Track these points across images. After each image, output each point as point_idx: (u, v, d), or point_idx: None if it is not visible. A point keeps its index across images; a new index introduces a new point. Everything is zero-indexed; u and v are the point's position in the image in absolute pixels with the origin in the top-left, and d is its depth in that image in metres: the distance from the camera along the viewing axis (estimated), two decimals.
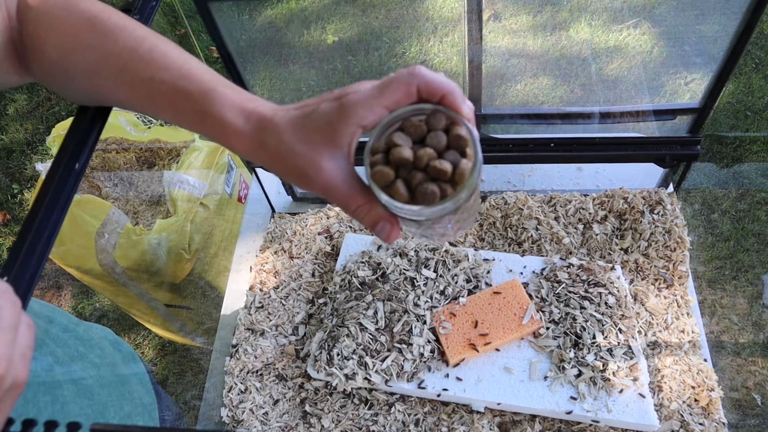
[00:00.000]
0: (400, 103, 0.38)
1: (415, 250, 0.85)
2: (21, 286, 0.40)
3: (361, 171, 0.40)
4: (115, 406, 0.67)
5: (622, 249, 0.86)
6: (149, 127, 1.35)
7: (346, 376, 0.75)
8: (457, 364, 0.76)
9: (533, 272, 0.83)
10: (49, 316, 0.69)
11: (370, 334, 0.77)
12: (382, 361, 0.76)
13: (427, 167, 0.36)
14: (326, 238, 0.95)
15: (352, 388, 0.77)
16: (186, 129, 0.44)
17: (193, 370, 1.65)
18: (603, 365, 0.73)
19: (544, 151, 0.83)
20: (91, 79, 0.44)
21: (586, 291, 0.79)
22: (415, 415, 0.77)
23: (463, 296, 0.80)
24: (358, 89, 0.39)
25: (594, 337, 0.75)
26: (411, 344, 0.76)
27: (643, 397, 0.72)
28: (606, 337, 0.75)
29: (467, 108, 0.38)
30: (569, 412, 0.71)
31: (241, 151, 0.42)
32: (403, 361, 0.76)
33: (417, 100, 0.39)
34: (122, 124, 1.36)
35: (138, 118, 1.37)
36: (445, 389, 0.75)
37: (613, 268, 0.82)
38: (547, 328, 0.77)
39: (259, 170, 0.97)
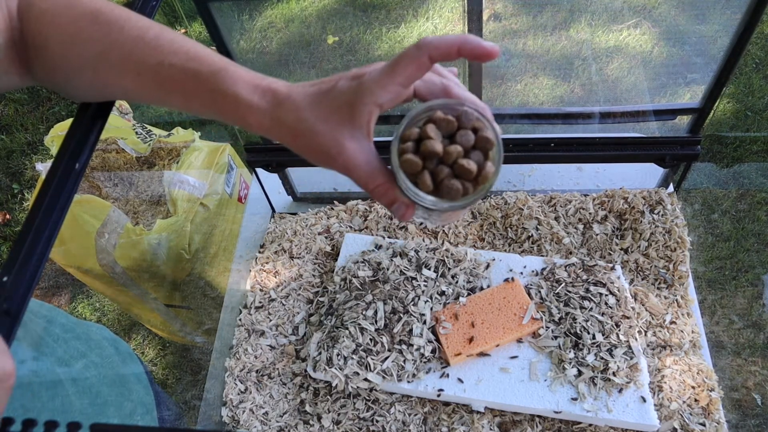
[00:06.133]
0: (413, 77, 0.39)
1: (415, 250, 0.85)
2: (21, 286, 0.40)
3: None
4: (115, 405, 0.67)
5: (622, 249, 0.86)
6: (149, 144, 1.35)
7: (346, 376, 0.75)
8: (457, 364, 0.76)
9: (533, 272, 0.83)
10: (48, 315, 0.69)
11: (370, 334, 0.77)
12: (383, 361, 0.76)
13: (455, 164, 0.38)
14: (326, 238, 0.95)
15: (352, 388, 0.77)
16: (197, 113, 0.44)
17: (193, 370, 1.65)
18: (603, 365, 0.73)
19: (544, 151, 0.83)
20: (96, 70, 0.44)
21: (586, 291, 0.79)
22: (415, 415, 0.77)
23: (463, 296, 0.80)
24: (375, 68, 0.39)
25: (594, 337, 0.75)
26: (411, 344, 0.76)
27: (643, 397, 0.72)
28: (606, 337, 0.75)
29: (488, 48, 0.38)
30: (558, 412, 0.71)
31: (257, 126, 0.42)
32: (404, 361, 0.76)
33: (433, 68, 0.40)
34: (121, 146, 1.35)
35: (137, 136, 1.36)
36: (441, 390, 0.75)
37: (613, 268, 0.82)
38: (547, 328, 0.77)
39: (259, 170, 0.97)
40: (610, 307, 0.78)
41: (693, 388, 0.75)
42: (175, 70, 0.42)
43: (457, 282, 0.82)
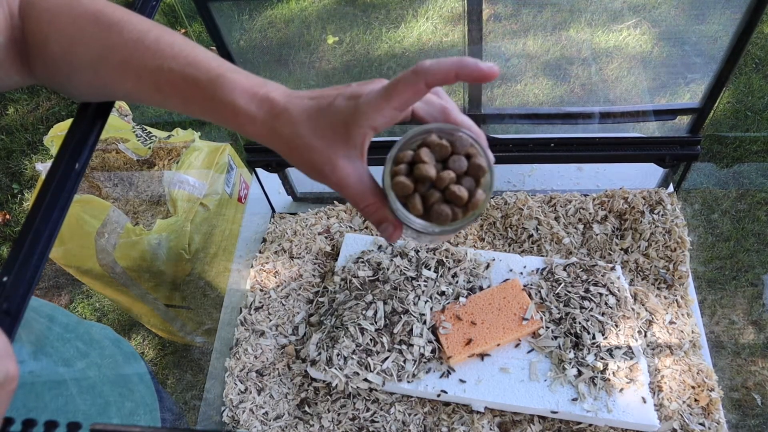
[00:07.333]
0: (409, 102, 0.39)
1: (415, 250, 0.85)
2: (21, 286, 0.40)
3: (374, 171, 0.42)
4: (117, 404, 0.67)
5: (622, 249, 0.86)
6: (150, 148, 1.35)
7: (346, 376, 0.75)
8: (457, 364, 0.76)
9: (533, 272, 0.83)
10: (50, 314, 0.69)
11: (370, 334, 0.77)
12: (383, 361, 0.76)
13: (446, 189, 0.38)
14: (326, 238, 0.95)
15: (352, 389, 0.77)
16: (196, 117, 0.45)
17: (193, 370, 1.65)
18: (603, 365, 0.73)
19: (544, 151, 0.83)
20: (96, 71, 0.44)
21: (586, 291, 0.79)
22: (415, 415, 0.77)
23: (463, 296, 0.80)
24: (372, 90, 0.39)
25: (594, 338, 0.75)
26: (411, 344, 0.76)
27: (643, 397, 0.72)
28: (606, 337, 0.75)
29: (486, 70, 0.38)
30: (557, 412, 0.72)
31: (254, 135, 0.42)
32: (404, 361, 0.76)
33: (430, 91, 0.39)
34: (122, 149, 1.36)
35: (138, 139, 1.36)
36: (444, 391, 0.75)
37: (613, 268, 0.82)
38: (547, 328, 0.77)
39: (259, 170, 0.97)
40: (610, 308, 0.78)
41: (693, 388, 0.75)
42: (174, 74, 0.42)
43: (457, 282, 0.82)
